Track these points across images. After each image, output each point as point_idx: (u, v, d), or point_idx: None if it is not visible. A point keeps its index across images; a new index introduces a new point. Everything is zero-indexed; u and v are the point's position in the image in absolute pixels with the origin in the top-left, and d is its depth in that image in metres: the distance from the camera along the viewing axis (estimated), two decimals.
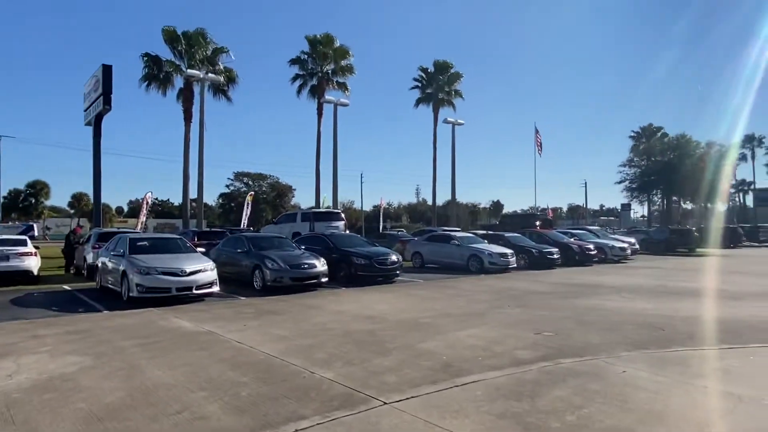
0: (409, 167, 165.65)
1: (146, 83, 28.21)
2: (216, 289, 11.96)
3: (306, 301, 12.03)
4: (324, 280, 14.03)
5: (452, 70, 39.47)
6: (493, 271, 19.18)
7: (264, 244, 14.89)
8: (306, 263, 13.83)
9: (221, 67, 27.61)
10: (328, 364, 6.36)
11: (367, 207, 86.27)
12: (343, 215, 23.54)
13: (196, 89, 26.29)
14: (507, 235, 23.11)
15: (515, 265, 20.05)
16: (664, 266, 22.51)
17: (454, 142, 37.36)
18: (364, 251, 15.88)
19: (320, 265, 14.05)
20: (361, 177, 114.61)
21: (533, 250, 21.37)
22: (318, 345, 7.40)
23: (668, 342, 7.41)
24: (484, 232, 26.87)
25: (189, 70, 25.64)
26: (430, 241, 22.06)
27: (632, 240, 29.39)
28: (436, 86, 39.34)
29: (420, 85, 40.35)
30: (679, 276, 17.72)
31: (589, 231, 29.46)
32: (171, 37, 27.10)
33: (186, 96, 27.82)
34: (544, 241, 23.62)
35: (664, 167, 57.84)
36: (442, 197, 47.60)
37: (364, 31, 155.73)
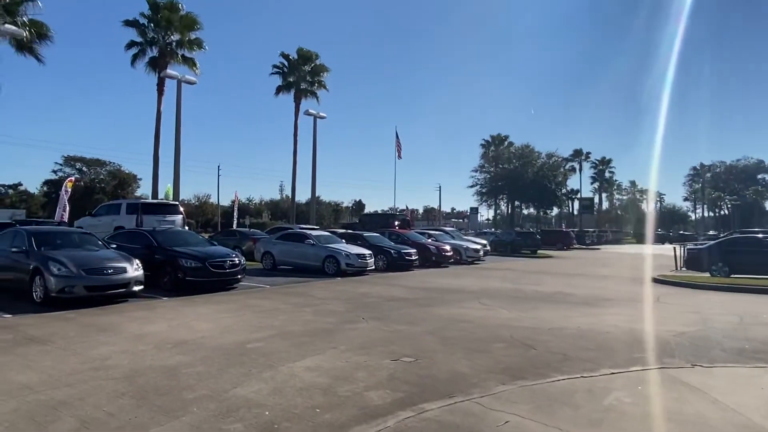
0: (272, 161, 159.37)
1: None
2: None
3: (101, 319, 9.05)
4: (137, 288, 11.04)
5: (317, 61, 37.40)
6: (351, 273, 17.63)
7: (53, 241, 11.34)
8: (111, 267, 10.71)
9: (24, 19, 22.08)
10: None
11: (226, 201, 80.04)
12: (181, 208, 20.08)
13: None
14: (366, 234, 21.77)
15: (373, 267, 18.75)
16: (514, 268, 23.05)
17: (315, 136, 35.33)
18: (196, 252, 13.08)
19: (132, 269, 11.02)
20: (218, 169, 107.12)
21: (392, 251, 20.28)
22: (72, 401, 4.84)
23: (545, 367, 6.25)
24: (343, 231, 25.36)
25: None
26: (282, 240, 19.77)
27: (484, 242, 30.20)
28: (299, 75, 36.93)
29: (281, 72, 37.61)
30: (530, 278, 17.85)
31: (445, 232, 29.62)
32: None
33: None
34: (402, 241, 22.80)
35: (510, 174, 62.33)
36: (305, 194, 45.54)
37: (222, 6, 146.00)
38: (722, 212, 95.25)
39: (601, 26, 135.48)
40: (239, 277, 13.59)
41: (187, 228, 19.06)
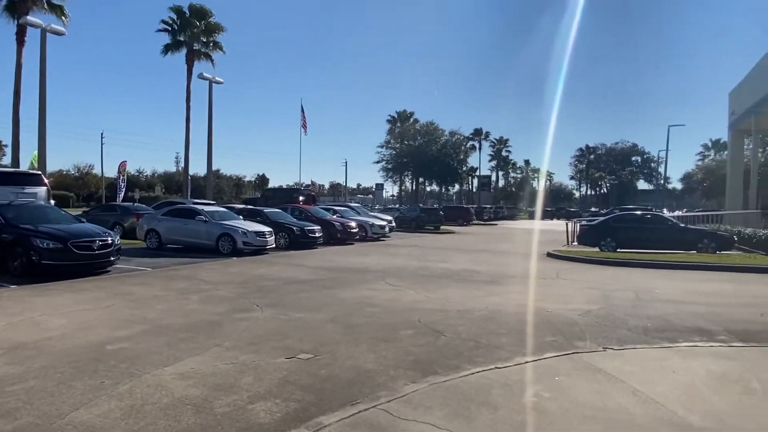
0: (166, 129, 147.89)
1: None
2: None
3: None
4: None
5: (212, 19, 34.22)
6: (248, 253, 16.28)
7: None
8: None
9: None
10: None
11: (113, 173, 72.51)
12: (44, 179, 17.22)
13: None
14: (266, 210, 20.37)
15: (274, 245, 17.52)
16: (420, 244, 22.95)
17: (211, 103, 32.40)
18: (55, 230, 11.03)
19: None
20: (102, 136, 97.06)
21: (294, 228, 19.12)
22: None
23: (457, 357, 5.68)
24: (241, 206, 23.67)
25: None
26: (170, 216, 17.77)
27: (390, 218, 29.92)
28: (191, 34, 33.61)
29: (170, 29, 33.97)
30: (436, 255, 17.69)
31: (351, 208, 28.91)
32: None
33: None
34: (306, 217, 21.68)
35: (415, 150, 62.95)
36: (203, 166, 42.05)
37: None
38: (602, 191, 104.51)
39: (505, 13, 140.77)
40: (112, 259, 11.75)
41: (52, 202, 16.38)
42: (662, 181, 74.77)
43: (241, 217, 18.47)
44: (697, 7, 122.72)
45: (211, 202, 26.52)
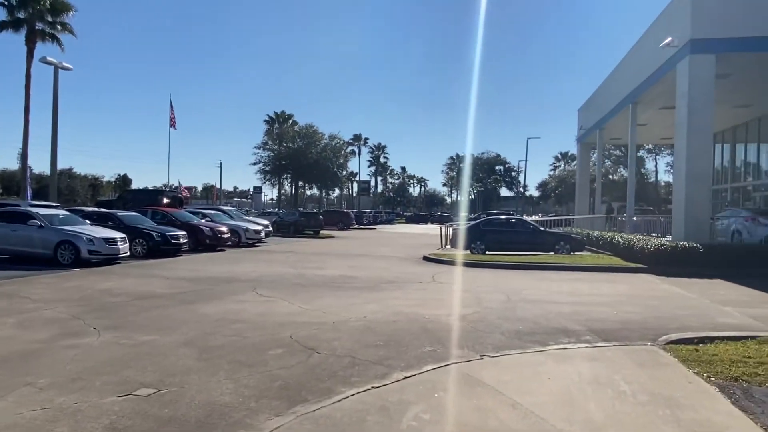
0: (5, 122, 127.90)
1: None
2: None
3: None
4: None
5: None
6: (96, 263, 14.22)
7: None
8: None
9: None
10: None
11: None
12: None
13: None
14: (120, 214, 18.07)
15: (128, 253, 15.52)
16: (297, 250, 22.06)
17: (56, 90, 28.13)
18: None
19: None
20: None
21: (154, 234, 17.14)
22: None
23: (330, 378, 5.08)
24: (91, 209, 20.85)
25: None
26: None
27: (266, 222, 28.64)
28: (34, 11, 29.15)
29: (7, 3, 29.15)
30: (313, 261, 16.99)
31: (223, 212, 27.05)
32: None
33: None
34: (169, 222, 19.68)
35: (294, 153, 61.43)
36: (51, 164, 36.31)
37: None
38: (471, 197, 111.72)
39: (388, 22, 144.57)
40: None
41: None
42: (522, 189, 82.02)
43: (88, 221, 16.12)
44: (553, 31, 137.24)
45: (54, 204, 23.05)
